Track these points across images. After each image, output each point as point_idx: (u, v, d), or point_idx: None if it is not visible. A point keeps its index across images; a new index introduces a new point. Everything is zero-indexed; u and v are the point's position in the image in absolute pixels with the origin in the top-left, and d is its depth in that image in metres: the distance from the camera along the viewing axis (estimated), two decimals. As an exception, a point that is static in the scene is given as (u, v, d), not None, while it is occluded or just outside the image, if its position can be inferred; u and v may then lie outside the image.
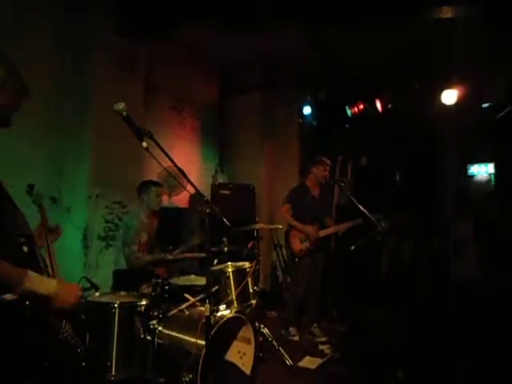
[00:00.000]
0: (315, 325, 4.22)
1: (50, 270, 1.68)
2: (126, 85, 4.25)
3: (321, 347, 3.90)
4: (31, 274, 1.37)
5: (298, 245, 4.07)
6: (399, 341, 3.54)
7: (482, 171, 6.72)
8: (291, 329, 4.15)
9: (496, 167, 6.52)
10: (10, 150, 3.51)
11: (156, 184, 3.53)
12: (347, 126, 6.25)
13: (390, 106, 5.68)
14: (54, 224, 2.07)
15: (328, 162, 4.26)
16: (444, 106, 5.21)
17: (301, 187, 4.32)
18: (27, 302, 1.36)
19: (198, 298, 2.67)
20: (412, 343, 3.48)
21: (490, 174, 6.62)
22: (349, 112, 5.92)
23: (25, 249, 1.52)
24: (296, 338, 4.10)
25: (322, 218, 4.22)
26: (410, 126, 5.87)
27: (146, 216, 3.45)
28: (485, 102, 5.69)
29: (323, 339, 4.08)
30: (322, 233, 4.11)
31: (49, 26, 3.84)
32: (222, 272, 2.92)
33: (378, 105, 5.67)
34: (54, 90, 3.90)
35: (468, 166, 6.75)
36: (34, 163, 3.73)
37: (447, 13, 3.45)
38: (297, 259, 4.06)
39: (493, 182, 6.52)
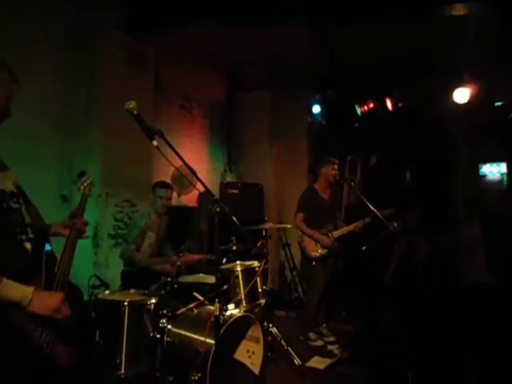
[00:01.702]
0: (324, 325, 4.20)
1: (56, 268, 1.63)
2: (135, 84, 4.27)
3: (329, 347, 3.88)
4: (5, 281, 1.34)
5: (313, 248, 4.01)
6: (408, 341, 3.51)
7: (494, 171, 6.62)
8: (311, 334, 4.09)
9: (508, 167, 6.42)
10: (21, 148, 3.54)
11: (161, 185, 3.48)
12: (357, 124, 6.20)
13: (400, 104, 5.62)
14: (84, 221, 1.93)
15: (336, 160, 4.20)
16: (456, 104, 5.14)
17: (309, 192, 4.25)
18: None
19: (207, 296, 2.67)
20: (421, 343, 3.45)
21: (502, 174, 6.52)
22: (358, 110, 5.87)
23: (27, 246, 1.49)
24: (318, 343, 4.01)
25: (335, 220, 4.20)
26: (420, 125, 5.80)
27: (156, 215, 3.45)
28: (497, 101, 5.61)
29: (331, 339, 4.05)
30: (336, 234, 4.08)
31: (56, 25, 3.87)
32: (231, 271, 2.92)
33: (388, 103, 5.62)
34: (64, 89, 3.93)
35: (480, 165, 6.66)
36: (44, 162, 3.76)
37: (460, 10, 3.41)
38: (314, 262, 4.01)
39: (505, 182, 6.42)
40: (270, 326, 3.47)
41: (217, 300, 2.16)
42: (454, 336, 3.38)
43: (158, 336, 2.43)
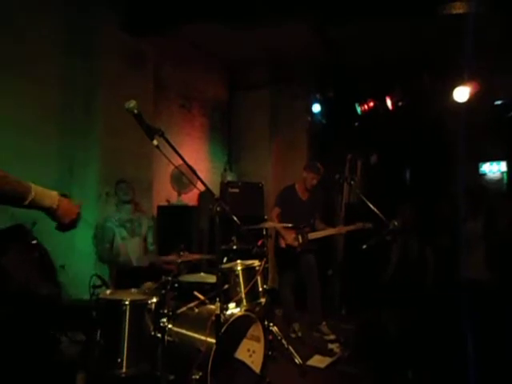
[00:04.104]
0: (324, 323, 4.21)
1: None
2: (135, 83, 4.28)
3: (330, 346, 3.88)
4: (35, 186, 1.35)
5: (282, 243, 4.14)
6: (409, 339, 3.51)
7: (493, 169, 6.61)
8: (294, 325, 4.18)
9: (508, 165, 6.41)
10: (22, 148, 3.55)
11: (118, 182, 3.73)
12: (357, 123, 6.19)
13: (400, 103, 5.61)
14: None
15: (320, 170, 4.23)
16: (456, 103, 5.13)
17: (288, 190, 4.35)
18: None
19: (207, 296, 2.68)
20: (421, 342, 3.46)
21: (502, 173, 6.51)
22: (358, 109, 5.86)
23: None
24: (298, 335, 4.11)
25: (310, 221, 4.23)
26: (420, 124, 5.79)
27: (123, 213, 3.55)
28: (497, 100, 5.61)
29: (332, 337, 4.07)
30: (313, 235, 4.13)
31: (57, 25, 3.87)
32: (232, 270, 2.92)
33: (389, 102, 5.60)
34: (64, 88, 3.93)
35: (479, 164, 6.65)
36: (45, 162, 3.77)
37: (460, 8, 3.40)
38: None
39: (505, 181, 6.42)
40: (271, 324, 3.47)
41: (217, 299, 2.16)
42: (454, 334, 3.38)
43: (159, 335, 2.43)
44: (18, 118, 3.54)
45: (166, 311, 2.50)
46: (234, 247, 3.27)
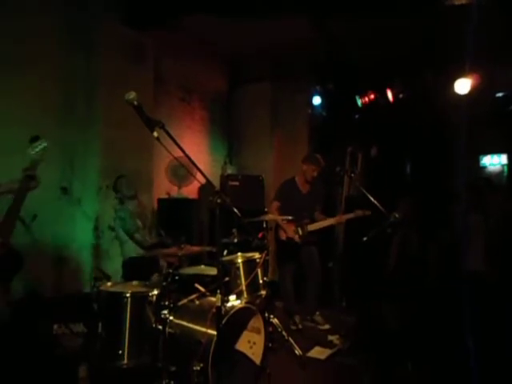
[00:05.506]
0: (317, 312, 4.25)
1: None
2: (135, 76, 4.26)
3: (330, 338, 3.91)
4: None
5: (283, 235, 4.15)
6: (409, 332, 3.53)
7: (494, 162, 6.60)
8: (295, 317, 4.21)
9: (509, 158, 6.40)
10: (23, 143, 3.54)
11: (121, 176, 3.73)
12: (357, 116, 6.17)
13: (401, 95, 5.58)
14: None
15: (321, 162, 4.21)
16: (457, 95, 5.11)
17: (288, 183, 4.34)
18: None
19: (208, 288, 2.69)
20: (422, 334, 3.47)
21: (502, 165, 6.50)
22: (359, 102, 5.83)
23: None
24: (299, 327, 4.13)
25: (311, 214, 4.24)
26: (421, 116, 5.77)
27: (132, 204, 3.54)
28: (498, 92, 5.57)
29: (326, 327, 4.12)
30: (312, 227, 4.13)
31: (57, 25, 3.86)
32: (232, 263, 2.93)
33: (389, 94, 5.58)
34: (65, 81, 3.92)
35: (480, 156, 6.63)
36: (46, 155, 3.76)
37: (462, -1, 3.37)
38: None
39: (506, 173, 6.41)
40: (271, 316, 3.50)
41: (218, 291, 2.17)
42: (453, 327, 3.40)
43: (160, 327, 2.45)
44: (19, 114, 3.54)
45: (167, 303, 2.51)
46: (235, 240, 3.28)
